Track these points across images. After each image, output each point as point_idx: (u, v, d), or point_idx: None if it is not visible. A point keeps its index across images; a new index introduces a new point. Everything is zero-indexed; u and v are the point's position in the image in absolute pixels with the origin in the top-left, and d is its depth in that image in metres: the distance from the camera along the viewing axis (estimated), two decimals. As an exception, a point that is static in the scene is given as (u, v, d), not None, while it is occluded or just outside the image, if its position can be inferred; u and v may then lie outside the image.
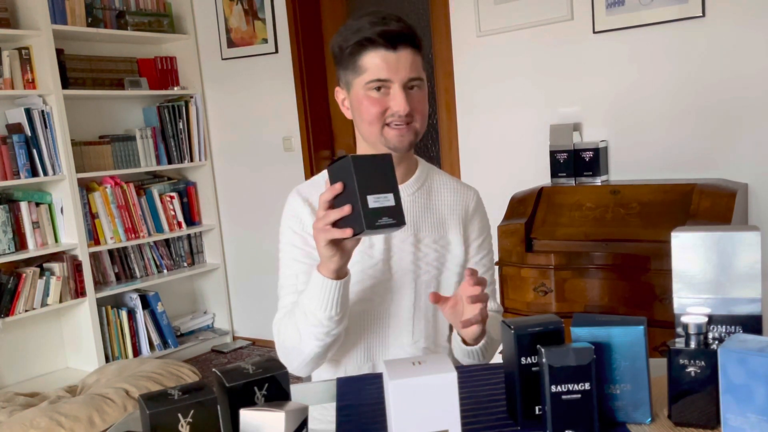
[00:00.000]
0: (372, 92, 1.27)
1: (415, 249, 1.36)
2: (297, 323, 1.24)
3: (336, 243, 1.11)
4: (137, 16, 3.71)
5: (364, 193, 1.04)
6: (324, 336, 1.22)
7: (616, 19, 2.62)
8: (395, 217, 1.06)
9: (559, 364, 0.87)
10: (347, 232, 1.06)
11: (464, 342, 1.27)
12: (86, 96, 3.58)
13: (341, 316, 1.21)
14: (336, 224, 1.08)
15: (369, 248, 1.34)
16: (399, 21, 1.27)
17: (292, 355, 1.28)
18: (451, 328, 1.44)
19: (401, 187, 1.36)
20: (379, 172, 1.07)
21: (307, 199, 1.35)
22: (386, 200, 1.06)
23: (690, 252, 1.00)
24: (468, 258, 1.43)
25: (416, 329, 1.36)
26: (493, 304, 1.45)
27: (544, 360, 0.87)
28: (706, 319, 0.90)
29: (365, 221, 1.04)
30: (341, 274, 1.17)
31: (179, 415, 0.80)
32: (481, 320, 1.16)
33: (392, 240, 1.35)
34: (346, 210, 1.05)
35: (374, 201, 1.05)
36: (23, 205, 3.26)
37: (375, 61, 1.26)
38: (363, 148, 1.38)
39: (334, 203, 1.08)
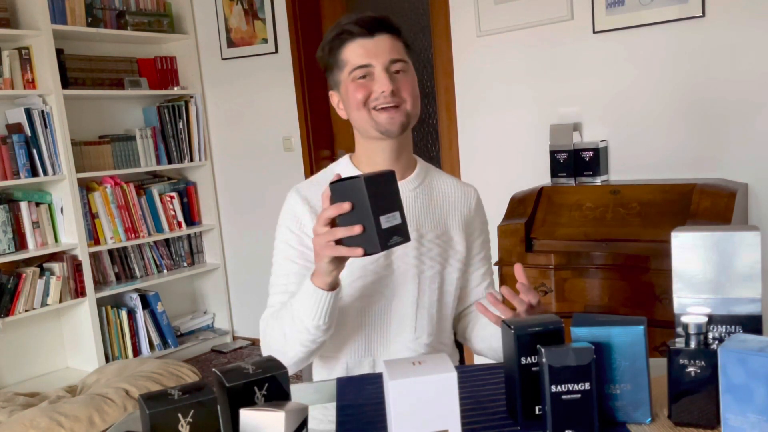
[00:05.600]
0: (357, 80, 1.30)
1: (417, 244, 1.36)
2: (283, 326, 1.25)
3: (338, 259, 1.12)
4: (137, 16, 3.71)
5: (378, 214, 1.05)
6: (309, 343, 1.23)
7: (616, 19, 2.62)
8: (402, 234, 1.09)
9: (559, 364, 0.87)
10: (358, 252, 1.07)
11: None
12: (86, 96, 3.58)
13: (328, 326, 1.22)
14: (340, 241, 1.09)
15: None
16: (373, 14, 1.33)
17: (276, 356, 1.28)
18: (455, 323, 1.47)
19: (402, 183, 1.38)
20: (386, 191, 1.08)
21: (307, 199, 1.35)
22: (395, 219, 1.08)
23: (690, 252, 1.00)
24: (470, 255, 1.45)
25: (419, 325, 1.36)
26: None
27: (544, 360, 0.87)
28: (706, 319, 0.90)
29: (380, 243, 1.05)
30: (334, 285, 1.18)
31: (179, 415, 0.80)
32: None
33: None
34: (357, 230, 1.06)
35: (385, 221, 1.06)
36: (23, 205, 3.26)
37: (355, 50, 1.30)
38: (361, 146, 1.38)
39: (337, 220, 1.09)
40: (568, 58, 2.77)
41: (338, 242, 1.09)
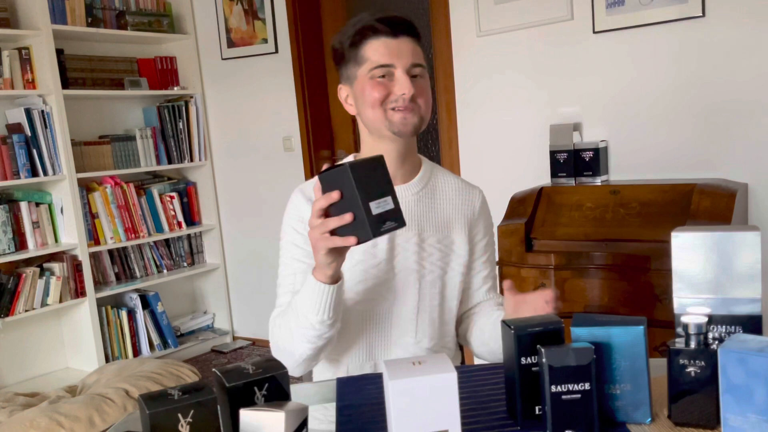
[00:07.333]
0: (376, 78, 1.28)
1: (419, 249, 1.35)
2: (289, 324, 1.25)
3: (336, 250, 1.11)
4: (137, 16, 3.71)
5: (366, 201, 1.04)
6: (316, 339, 1.22)
7: (616, 19, 2.62)
8: (396, 219, 1.07)
9: (559, 364, 0.87)
10: (351, 241, 1.06)
11: None
12: (86, 96, 3.58)
13: (333, 320, 1.21)
14: (334, 232, 1.08)
15: (372, 248, 1.33)
16: (398, 15, 1.31)
17: (285, 355, 1.27)
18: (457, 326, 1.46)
19: (405, 187, 1.37)
20: (375, 177, 1.07)
21: (311, 199, 1.35)
22: (386, 204, 1.06)
23: (690, 252, 1.00)
24: (473, 258, 1.43)
25: (420, 329, 1.35)
26: (497, 298, 1.46)
27: (544, 360, 0.87)
28: (706, 319, 0.90)
29: (371, 229, 1.04)
30: (336, 278, 1.17)
31: (179, 415, 0.80)
32: None
33: (396, 239, 1.35)
34: (347, 218, 1.05)
35: (376, 207, 1.05)
36: (23, 205, 3.25)
37: (377, 48, 1.28)
38: (367, 145, 1.37)
39: (330, 210, 1.08)
40: (568, 58, 2.77)
41: (333, 233, 1.08)
